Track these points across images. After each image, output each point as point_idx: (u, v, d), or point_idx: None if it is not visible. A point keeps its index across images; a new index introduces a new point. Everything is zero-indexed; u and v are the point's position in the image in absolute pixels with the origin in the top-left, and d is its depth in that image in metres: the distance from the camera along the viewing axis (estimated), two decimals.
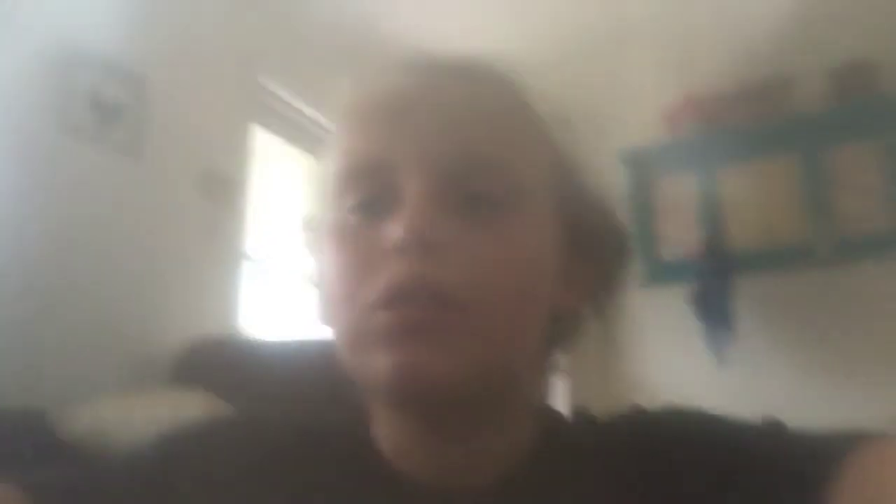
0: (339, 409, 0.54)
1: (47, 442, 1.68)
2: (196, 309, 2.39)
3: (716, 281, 2.77)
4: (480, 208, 0.46)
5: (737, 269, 2.80)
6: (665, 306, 2.90)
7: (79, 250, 2.05)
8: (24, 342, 1.86)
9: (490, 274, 0.45)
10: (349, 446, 0.52)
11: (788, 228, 2.81)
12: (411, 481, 0.49)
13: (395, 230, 0.45)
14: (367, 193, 0.48)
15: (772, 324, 2.78)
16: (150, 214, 2.28)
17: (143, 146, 2.28)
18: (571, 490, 0.47)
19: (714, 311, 2.75)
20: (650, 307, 2.80)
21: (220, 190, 2.56)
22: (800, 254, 2.76)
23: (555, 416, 0.55)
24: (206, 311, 2.44)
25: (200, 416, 1.69)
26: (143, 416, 1.76)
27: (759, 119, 2.92)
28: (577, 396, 2.04)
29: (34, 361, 1.88)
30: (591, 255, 0.53)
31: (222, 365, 2.05)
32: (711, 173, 2.99)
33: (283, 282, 2.81)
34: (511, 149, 0.49)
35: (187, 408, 1.76)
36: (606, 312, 0.55)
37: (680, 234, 2.99)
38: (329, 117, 0.54)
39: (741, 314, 2.77)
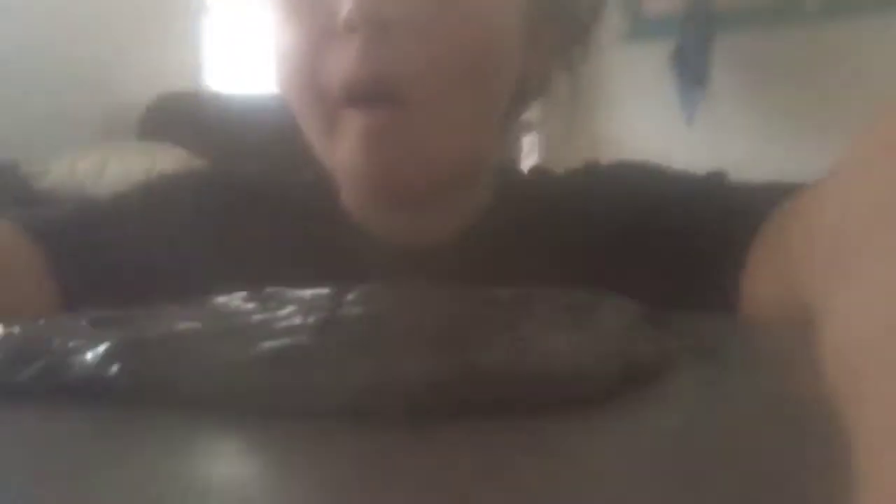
0: (308, 168, 0.55)
1: (22, 193, 1.71)
2: (159, 62, 2.31)
3: (696, 38, 2.69)
4: None
5: (719, 26, 2.71)
6: (643, 63, 2.84)
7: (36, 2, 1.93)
8: None
9: (450, 54, 0.43)
10: (317, 203, 0.53)
11: None
12: (376, 238, 0.52)
13: (345, 4, 0.42)
14: None
15: (747, 83, 2.76)
16: None
17: None
18: (525, 240, 0.50)
19: (690, 69, 2.71)
20: (628, 63, 2.74)
21: None
22: (789, 6, 2.66)
23: (512, 172, 0.57)
24: (170, 65, 2.36)
25: (172, 168, 1.71)
26: (116, 167, 1.78)
27: None
28: (544, 153, 2.07)
29: (2, 116, 1.85)
30: (560, 15, 0.51)
31: (190, 118, 2.04)
32: None
33: (245, 34, 2.69)
34: None
35: (158, 160, 1.77)
36: (575, 70, 0.54)
37: None
38: None
39: (718, 73, 2.73)
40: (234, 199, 0.54)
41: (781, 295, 0.35)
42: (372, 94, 0.43)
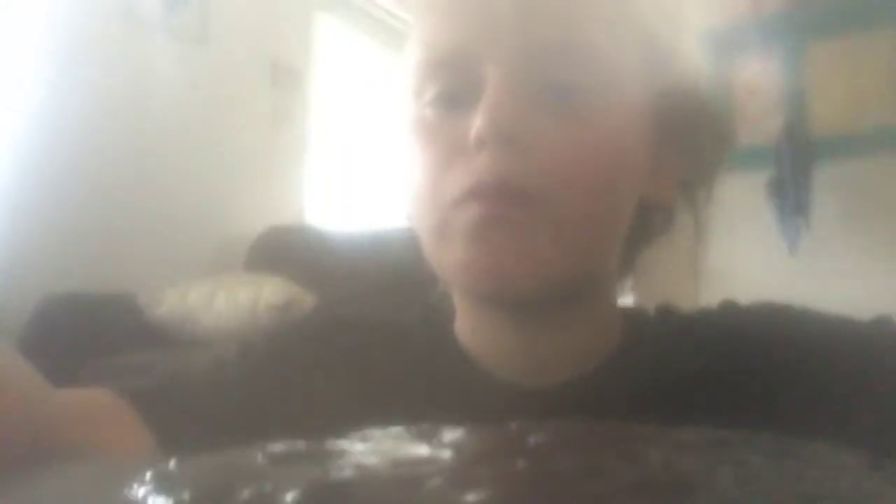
0: (419, 304, 0.55)
1: (136, 324, 1.78)
2: (266, 197, 2.45)
3: (794, 165, 2.66)
4: (565, 98, 0.45)
5: (816, 156, 2.67)
6: (739, 194, 2.81)
7: (149, 140, 2.10)
8: (103, 231, 1.95)
9: (573, 169, 0.44)
10: (432, 343, 0.53)
11: (881, 108, 2.63)
12: (494, 378, 0.50)
13: (475, 123, 0.43)
14: (447, 85, 0.47)
15: (850, 213, 2.68)
16: (217, 102, 2.30)
17: (208, 34, 2.27)
18: (656, 387, 0.47)
19: (790, 199, 2.66)
20: (722, 195, 2.72)
21: (287, 79, 2.55)
22: (890, 137, 2.60)
23: (638, 312, 0.55)
24: (275, 200, 2.49)
25: (278, 299, 1.75)
26: (225, 298, 1.85)
27: None
28: (644, 287, 2.03)
29: (114, 250, 1.97)
30: (684, 144, 0.51)
31: (295, 252, 2.12)
32: (798, 51, 2.80)
33: (351, 172, 2.83)
34: (597, 32, 0.46)
35: (264, 291, 1.83)
36: (699, 206, 0.53)
37: (758, 119, 2.86)
38: (406, 7, 0.52)
39: (818, 203, 2.67)
40: (344, 339, 0.54)
41: None
42: (494, 193, 0.43)
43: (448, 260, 0.46)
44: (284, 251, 2.14)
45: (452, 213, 0.45)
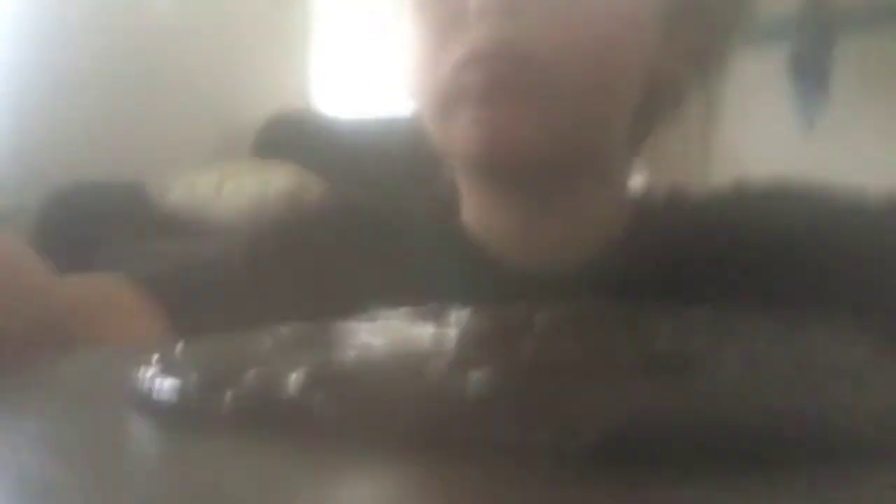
0: (426, 190, 0.54)
1: (146, 216, 1.79)
2: (271, 82, 2.39)
3: (816, 40, 2.56)
4: None
5: (839, 29, 2.57)
6: (754, 69, 2.72)
7: (153, 25, 2.03)
8: (108, 120, 1.92)
9: (575, 33, 0.43)
10: (440, 229, 0.52)
11: None
12: (502, 263, 0.50)
13: None
14: None
15: (872, 89, 2.60)
16: None
17: None
18: (665, 271, 0.47)
19: (810, 73, 2.58)
20: (738, 69, 2.64)
21: None
22: None
23: (648, 194, 0.54)
24: (281, 85, 2.43)
25: (288, 186, 1.75)
26: (233, 186, 1.84)
27: None
28: (655, 167, 2.01)
29: (120, 139, 1.95)
30: (699, 13, 0.48)
31: (303, 138, 2.09)
32: None
33: (358, 55, 2.74)
34: None
35: (274, 179, 1.83)
36: (712, 79, 0.51)
37: None
38: None
39: (838, 79, 2.58)
40: (355, 226, 0.54)
41: None
42: (495, 60, 0.42)
43: (451, 133, 0.46)
44: (292, 138, 2.11)
45: (454, 82, 0.44)
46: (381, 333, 0.25)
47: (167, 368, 0.23)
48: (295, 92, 2.49)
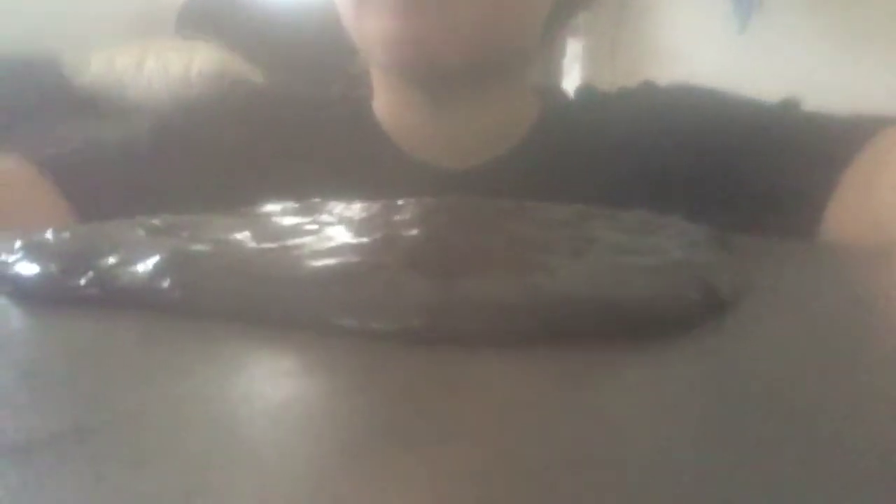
0: (341, 80, 0.54)
1: (61, 90, 1.70)
2: None
3: None
4: None
5: None
6: None
7: None
8: None
9: None
10: (350, 119, 0.52)
11: None
12: (411, 158, 0.50)
13: None
14: None
15: None
16: None
17: None
18: (574, 163, 0.49)
19: None
20: None
21: None
22: None
23: (558, 93, 0.55)
24: None
25: (212, 67, 1.68)
26: (154, 65, 1.76)
27: None
28: (588, 66, 2.00)
29: (33, 9, 1.83)
30: None
31: (228, 18, 2.00)
32: None
33: None
34: None
35: (198, 58, 1.75)
36: None
37: None
38: None
39: None
40: (265, 116, 0.53)
41: (865, 229, 0.34)
42: None
43: (368, 31, 0.45)
44: (216, 17, 2.01)
45: None
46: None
47: (28, 254, 0.23)
48: None
